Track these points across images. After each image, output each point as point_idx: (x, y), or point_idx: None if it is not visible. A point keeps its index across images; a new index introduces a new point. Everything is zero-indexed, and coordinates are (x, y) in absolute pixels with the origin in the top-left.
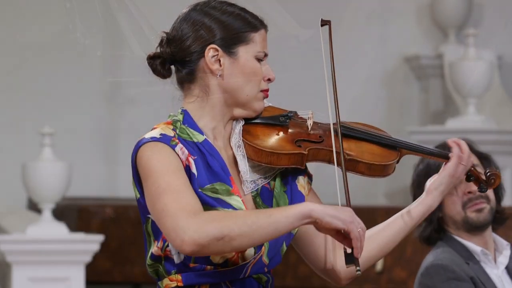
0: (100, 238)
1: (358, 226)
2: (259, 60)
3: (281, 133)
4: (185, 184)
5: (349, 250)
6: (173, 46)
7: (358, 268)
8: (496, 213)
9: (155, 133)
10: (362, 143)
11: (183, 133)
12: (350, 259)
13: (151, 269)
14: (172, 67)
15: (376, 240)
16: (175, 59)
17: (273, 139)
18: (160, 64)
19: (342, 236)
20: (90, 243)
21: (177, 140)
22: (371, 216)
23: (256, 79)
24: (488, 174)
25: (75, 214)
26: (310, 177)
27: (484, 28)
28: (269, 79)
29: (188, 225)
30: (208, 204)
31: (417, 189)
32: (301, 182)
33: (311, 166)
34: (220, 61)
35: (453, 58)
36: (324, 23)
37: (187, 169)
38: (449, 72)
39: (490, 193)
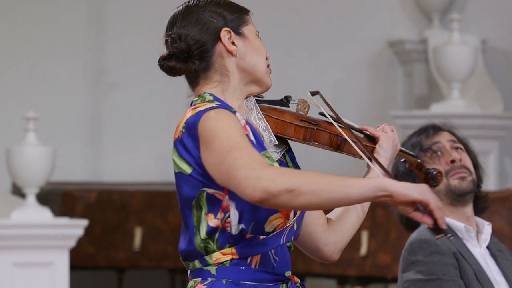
0: (84, 222)
1: (435, 199)
2: None
3: (287, 111)
4: (251, 145)
5: (429, 225)
6: (187, 40)
7: (449, 234)
8: (477, 198)
9: (205, 106)
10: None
11: None
12: (438, 231)
13: (203, 244)
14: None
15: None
16: (191, 52)
17: (286, 115)
18: (176, 61)
19: (420, 213)
20: (74, 227)
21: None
22: None
23: (264, 54)
24: (435, 173)
25: (59, 198)
26: None
27: (468, 13)
28: (266, 57)
29: (262, 173)
30: None
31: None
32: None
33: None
34: (234, 42)
35: (437, 43)
36: (314, 93)
37: (247, 136)
38: (433, 56)
39: (472, 169)
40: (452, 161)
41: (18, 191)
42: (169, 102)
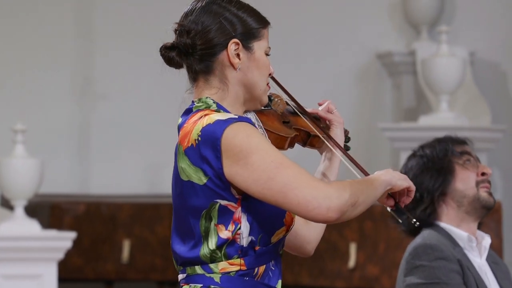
0: (72, 235)
1: None
2: (267, 55)
3: (271, 116)
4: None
5: (391, 206)
6: (194, 38)
7: (413, 219)
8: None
9: (223, 116)
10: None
11: None
12: (401, 212)
13: (211, 254)
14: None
15: None
16: (194, 50)
17: (277, 124)
18: (177, 54)
19: (387, 197)
20: (63, 240)
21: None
22: None
23: (267, 74)
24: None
25: (48, 211)
26: None
27: (456, 25)
28: (270, 74)
29: (330, 193)
30: None
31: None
32: None
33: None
34: (239, 55)
35: (426, 55)
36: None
37: None
38: (421, 68)
39: None
40: (483, 174)
41: (6, 203)
42: (157, 113)
